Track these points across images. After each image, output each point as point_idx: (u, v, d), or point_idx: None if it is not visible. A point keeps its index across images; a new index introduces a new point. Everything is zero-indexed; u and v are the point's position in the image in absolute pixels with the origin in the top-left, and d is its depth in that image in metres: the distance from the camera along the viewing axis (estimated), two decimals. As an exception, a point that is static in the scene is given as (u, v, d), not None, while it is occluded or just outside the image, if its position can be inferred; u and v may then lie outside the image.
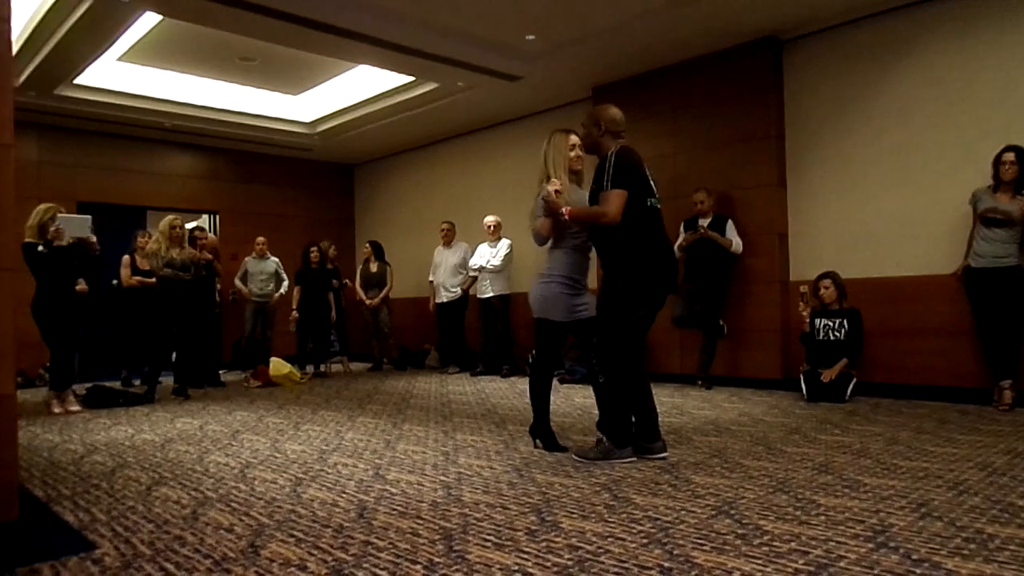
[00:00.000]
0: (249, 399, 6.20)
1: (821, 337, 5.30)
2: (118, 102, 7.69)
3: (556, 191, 3.40)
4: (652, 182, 3.41)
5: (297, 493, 2.91)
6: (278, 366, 7.36)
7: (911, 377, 5.33)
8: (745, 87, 6.20)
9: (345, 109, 8.50)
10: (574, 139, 3.58)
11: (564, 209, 3.34)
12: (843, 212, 5.79)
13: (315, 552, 2.17)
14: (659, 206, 3.42)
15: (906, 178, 5.47)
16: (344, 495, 2.85)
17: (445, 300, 8.00)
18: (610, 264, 3.39)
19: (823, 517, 2.37)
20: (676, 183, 6.52)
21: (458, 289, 7.93)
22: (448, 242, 8.13)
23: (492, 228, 7.67)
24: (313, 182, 10.55)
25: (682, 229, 6.16)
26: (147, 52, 6.95)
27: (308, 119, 9.00)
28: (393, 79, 7.56)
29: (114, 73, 7.34)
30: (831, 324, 5.28)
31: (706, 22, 5.78)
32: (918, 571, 1.87)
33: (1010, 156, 4.59)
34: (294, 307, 8.02)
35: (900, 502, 2.52)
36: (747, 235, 6.05)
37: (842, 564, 1.94)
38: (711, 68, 6.42)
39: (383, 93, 7.93)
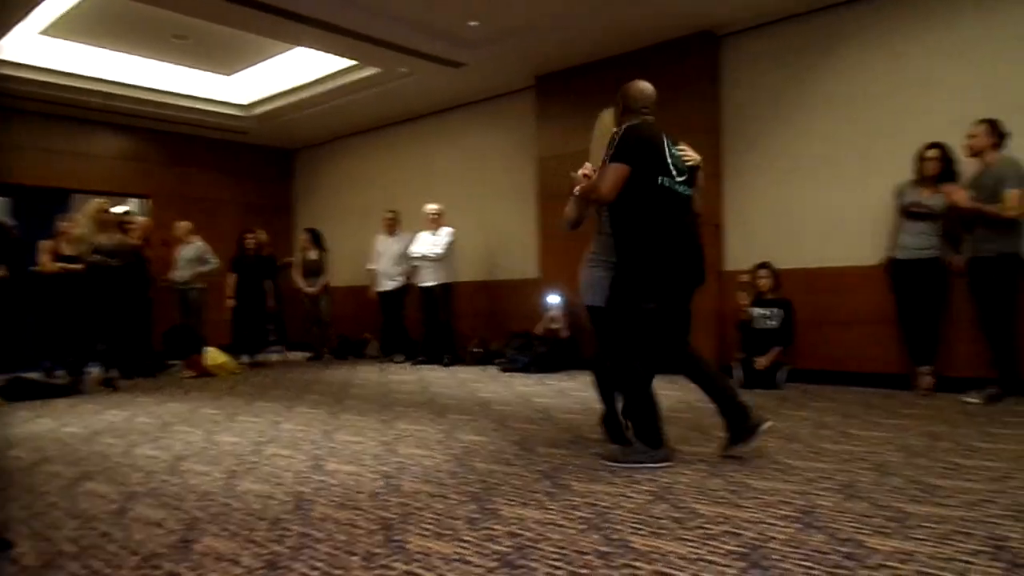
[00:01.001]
0: (182, 390, 6.01)
1: (755, 326, 5.45)
2: (41, 78, 7.29)
3: (584, 174, 3.19)
4: (671, 160, 3.04)
5: (231, 486, 2.83)
6: (213, 356, 7.16)
7: (839, 364, 5.54)
8: (683, 80, 6.30)
9: (283, 92, 8.27)
10: None
11: (577, 187, 3.16)
12: (776, 204, 5.96)
13: (249, 545, 2.13)
14: (680, 188, 3.05)
15: (835, 172, 5.66)
16: (280, 487, 2.80)
17: (388, 288, 7.92)
18: (619, 250, 3.08)
19: (755, 500, 2.44)
20: (617, 173, 6.62)
21: (401, 278, 7.85)
22: (391, 231, 8.03)
23: (433, 216, 7.61)
24: (249, 167, 10.24)
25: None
26: (73, 26, 6.61)
27: (244, 101, 8.72)
28: (334, 62, 7.40)
29: (36, 47, 6.95)
30: (765, 313, 5.44)
31: (645, 15, 5.84)
32: (843, 550, 1.95)
33: (932, 152, 4.79)
34: (229, 295, 7.80)
35: (827, 484, 2.62)
36: (685, 226, 6.16)
37: (772, 545, 2.00)
38: (651, 60, 6.50)
39: (324, 77, 7.75)
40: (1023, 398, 4.46)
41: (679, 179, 3.06)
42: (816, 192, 5.74)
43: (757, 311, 5.46)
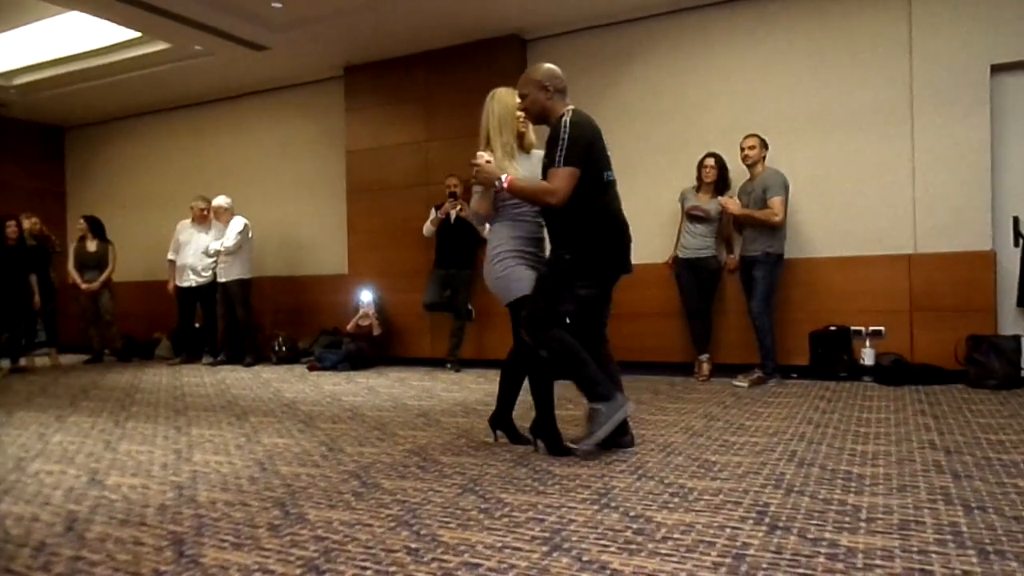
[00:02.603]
0: (-81, 402, 5.12)
1: (559, 320, 5.73)
2: None
3: (486, 160, 3.03)
4: (607, 153, 3.08)
5: (-16, 510, 2.46)
6: (-39, 361, 6.18)
7: (631, 355, 5.95)
8: (492, 80, 6.27)
9: (52, 61, 7.31)
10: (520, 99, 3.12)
11: (503, 178, 2.95)
12: (579, 205, 6.30)
13: (7, 577, 1.86)
14: (614, 179, 3.10)
15: (629, 177, 6.04)
16: (48, 507, 2.48)
17: (193, 284, 7.29)
18: (559, 238, 3.02)
19: (557, 486, 2.57)
20: (429, 169, 6.64)
21: (208, 273, 7.25)
22: (203, 221, 7.32)
23: (218, 211, 7.13)
24: (10, 144, 8.91)
25: (433, 211, 6.27)
26: None
27: (1, 68, 7.60)
28: (116, 32, 6.66)
29: None
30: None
31: (450, 14, 5.90)
32: (634, 526, 2.11)
33: (710, 161, 5.34)
34: (-17, 291, 6.77)
35: (621, 467, 2.82)
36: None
37: (572, 527, 2.11)
38: (461, 59, 6.59)
39: (103, 48, 6.96)
40: (781, 380, 5.12)
41: (611, 169, 3.08)
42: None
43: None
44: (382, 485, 2.64)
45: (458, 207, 6.13)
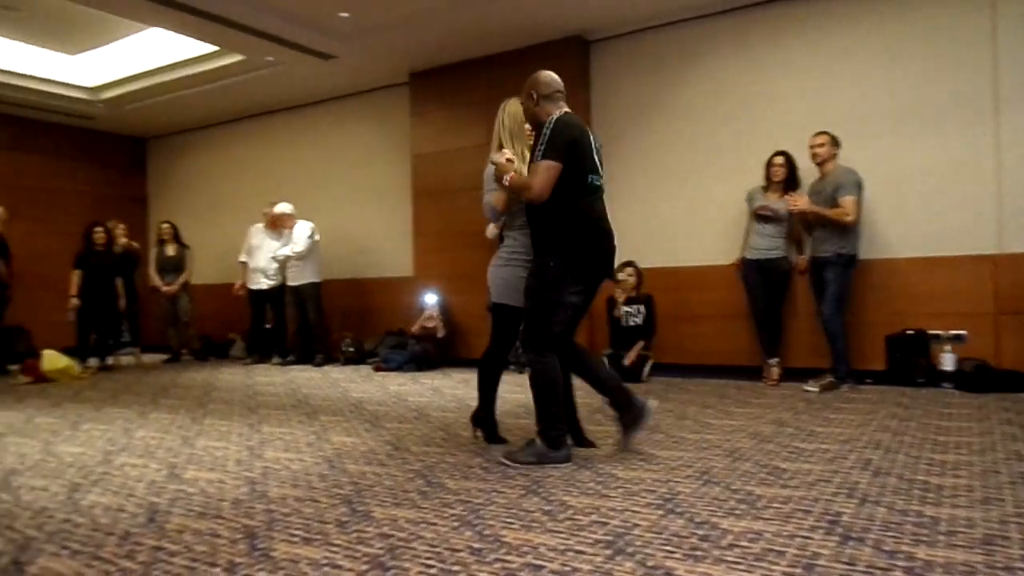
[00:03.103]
0: (14, 397, 5.46)
1: (622, 323, 5.68)
2: None
3: (508, 159, 3.09)
4: (597, 156, 3.04)
5: (74, 500, 2.60)
6: (52, 359, 6.54)
7: (698, 357, 5.89)
8: (556, 83, 6.45)
9: (136, 76, 7.70)
10: None
11: (506, 176, 2.96)
12: (642, 206, 6.24)
13: (95, 563, 1.96)
14: (600, 184, 3.04)
15: (695, 177, 6.01)
16: (132, 499, 2.60)
17: (264, 287, 7.55)
18: (542, 244, 2.99)
19: (621, 489, 2.54)
20: (491, 173, 6.70)
21: (278, 276, 7.50)
22: (275, 226, 7.53)
23: (281, 218, 7.34)
24: (98, 155, 9.44)
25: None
26: None
27: (90, 84, 8.03)
28: (194, 47, 6.97)
29: None
30: (631, 310, 5.68)
31: (513, 17, 5.93)
32: (700, 532, 2.07)
33: (779, 159, 5.20)
34: (73, 293, 7.15)
35: (687, 471, 2.78)
36: (557, 225, 6.32)
37: (636, 532, 2.09)
38: (524, 62, 6.58)
39: (182, 61, 7.29)
40: (855, 386, 4.94)
41: (599, 174, 3.04)
42: (679, 195, 6.07)
43: (623, 309, 5.70)
44: (446, 485, 2.67)
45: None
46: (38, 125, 8.74)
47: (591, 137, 3.03)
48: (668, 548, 1.95)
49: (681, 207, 6.05)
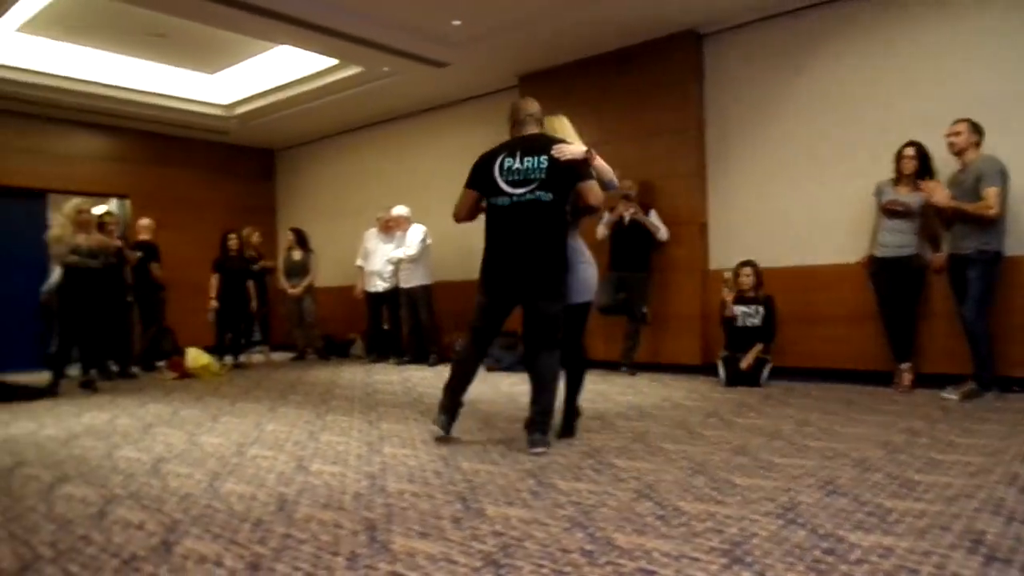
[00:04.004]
0: (163, 392, 5.95)
1: (739, 324, 5.49)
2: (18, 77, 7.19)
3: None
4: (502, 177, 3.41)
5: (214, 487, 2.81)
6: (195, 357, 7.10)
7: (821, 361, 5.59)
8: (667, 78, 6.33)
9: (265, 92, 8.22)
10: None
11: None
12: (761, 203, 6.00)
13: (232, 547, 2.11)
14: (512, 200, 3.39)
15: (817, 171, 5.71)
16: (263, 488, 2.78)
17: (380, 290, 7.88)
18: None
19: (738, 497, 2.46)
20: (601, 173, 6.64)
21: (393, 279, 7.81)
22: (388, 231, 7.88)
23: (398, 220, 7.59)
24: (231, 167, 10.16)
25: (606, 214, 6.23)
26: (51, 24, 6.53)
27: (225, 101, 8.66)
28: (316, 62, 7.36)
29: (13, 45, 6.86)
30: (748, 311, 5.47)
31: (627, 14, 5.85)
32: (824, 545, 1.97)
33: (910, 151, 4.85)
34: (212, 296, 7.73)
35: (809, 480, 2.65)
36: (669, 225, 6.19)
37: (754, 541, 2.02)
38: (634, 59, 6.53)
39: (306, 76, 7.70)
40: (1000, 394, 4.53)
41: (517, 190, 3.37)
42: (798, 190, 5.79)
43: (740, 309, 5.50)
44: (557, 485, 2.68)
45: (631, 209, 6.08)
46: (180, 141, 9.50)
47: (499, 159, 3.43)
48: (789, 560, 1.87)
49: (802, 203, 5.77)
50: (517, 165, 3.38)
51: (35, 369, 7.07)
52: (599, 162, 3.46)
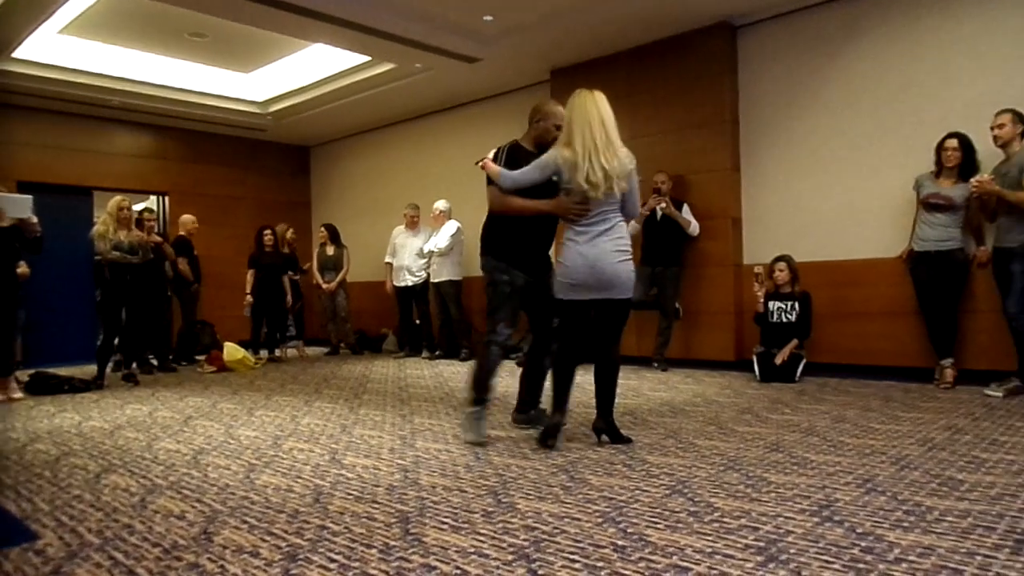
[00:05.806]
0: (202, 385, 6.08)
1: (773, 319, 5.41)
2: (61, 77, 7.40)
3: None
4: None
5: (251, 479, 2.87)
6: (232, 351, 7.24)
7: (858, 357, 5.48)
8: (700, 72, 6.26)
9: (299, 89, 8.33)
10: None
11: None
12: (795, 197, 5.91)
13: (269, 538, 2.15)
14: None
15: (854, 164, 5.60)
16: (299, 480, 2.82)
17: (409, 284, 7.94)
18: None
19: (772, 494, 2.43)
20: (633, 167, 6.60)
21: (423, 273, 7.87)
22: (413, 226, 8.00)
23: (435, 214, 7.65)
24: (267, 163, 10.32)
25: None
26: (92, 26, 6.69)
27: (260, 99, 8.79)
28: (349, 59, 7.43)
29: (56, 47, 7.05)
30: (783, 307, 5.39)
31: (660, 6, 5.79)
32: (862, 544, 1.93)
33: (952, 143, 4.72)
34: (247, 291, 7.86)
35: (846, 478, 2.60)
36: (701, 219, 6.13)
37: (790, 539, 1.99)
38: (667, 52, 6.46)
39: (339, 73, 7.79)
40: (1047, 391, 4.41)
41: None
42: (835, 184, 5.69)
43: (775, 304, 5.42)
44: (589, 481, 2.68)
45: (663, 203, 6.02)
46: (218, 138, 9.67)
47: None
48: (826, 558, 1.84)
49: (839, 197, 5.66)
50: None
51: (84, 363, 7.27)
52: (489, 168, 3.73)
